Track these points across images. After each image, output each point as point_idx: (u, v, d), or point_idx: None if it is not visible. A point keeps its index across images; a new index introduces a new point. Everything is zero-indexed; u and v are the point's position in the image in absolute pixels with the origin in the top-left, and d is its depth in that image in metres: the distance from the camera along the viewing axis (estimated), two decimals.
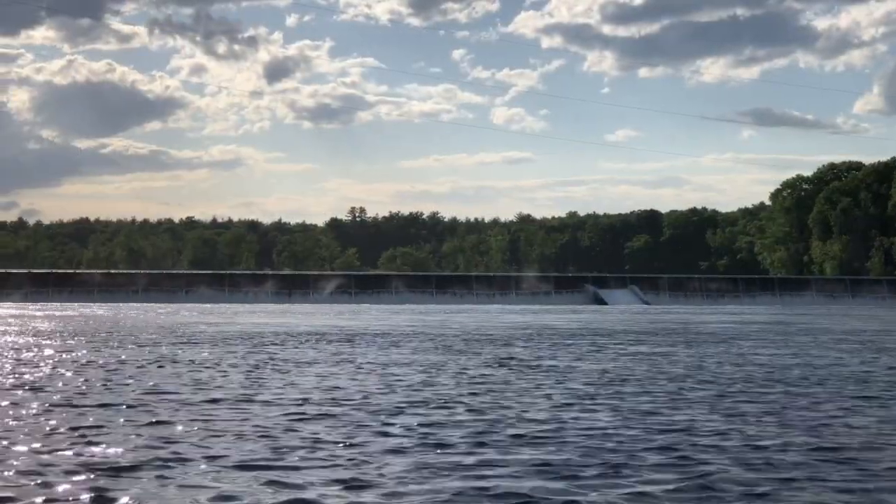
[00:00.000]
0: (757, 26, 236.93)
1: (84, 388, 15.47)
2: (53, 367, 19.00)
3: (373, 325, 39.10)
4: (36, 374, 17.58)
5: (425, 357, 22.24)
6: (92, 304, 70.69)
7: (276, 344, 26.46)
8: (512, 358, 22.08)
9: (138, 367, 19.15)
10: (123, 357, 21.79)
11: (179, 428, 11.42)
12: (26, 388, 15.43)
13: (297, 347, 25.32)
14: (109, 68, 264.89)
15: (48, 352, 23.16)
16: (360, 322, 41.77)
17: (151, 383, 16.15)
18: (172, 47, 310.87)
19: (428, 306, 71.73)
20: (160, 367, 19.38)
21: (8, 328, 34.33)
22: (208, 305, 68.50)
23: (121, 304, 69.03)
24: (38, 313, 49.63)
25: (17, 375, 17.38)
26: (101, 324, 38.44)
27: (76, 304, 69.88)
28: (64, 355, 22.12)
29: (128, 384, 16.06)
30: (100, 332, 32.14)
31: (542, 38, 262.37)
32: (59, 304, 69.45)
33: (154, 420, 11.96)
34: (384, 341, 27.94)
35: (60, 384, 15.99)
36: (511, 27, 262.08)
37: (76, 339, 28.36)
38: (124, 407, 13.17)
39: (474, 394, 14.86)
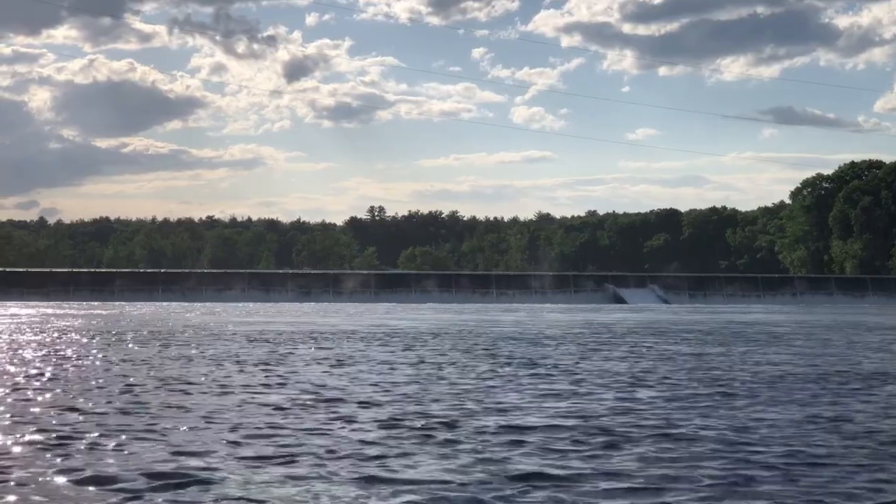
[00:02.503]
0: (777, 24, 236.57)
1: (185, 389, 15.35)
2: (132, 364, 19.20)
3: (419, 324, 39.03)
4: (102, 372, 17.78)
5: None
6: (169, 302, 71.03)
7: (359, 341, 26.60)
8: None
9: (213, 365, 19.30)
10: (194, 355, 21.96)
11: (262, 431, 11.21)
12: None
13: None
14: (130, 67, 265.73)
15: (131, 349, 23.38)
16: (408, 322, 41.59)
17: (217, 382, 16.28)
18: (192, 46, 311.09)
19: (453, 305, 71.89)
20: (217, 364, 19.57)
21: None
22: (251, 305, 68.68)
23: (146, 303, 69.41)
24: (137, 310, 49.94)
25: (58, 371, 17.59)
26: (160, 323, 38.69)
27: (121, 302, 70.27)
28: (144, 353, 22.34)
29: (205, 383, 16.08)
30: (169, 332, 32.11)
31: (561, 37, 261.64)
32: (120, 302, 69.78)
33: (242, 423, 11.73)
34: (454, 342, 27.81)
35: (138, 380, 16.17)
36: (531, 26, 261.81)
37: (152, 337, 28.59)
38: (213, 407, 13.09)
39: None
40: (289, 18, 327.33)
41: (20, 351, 22.88)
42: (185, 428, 11.24)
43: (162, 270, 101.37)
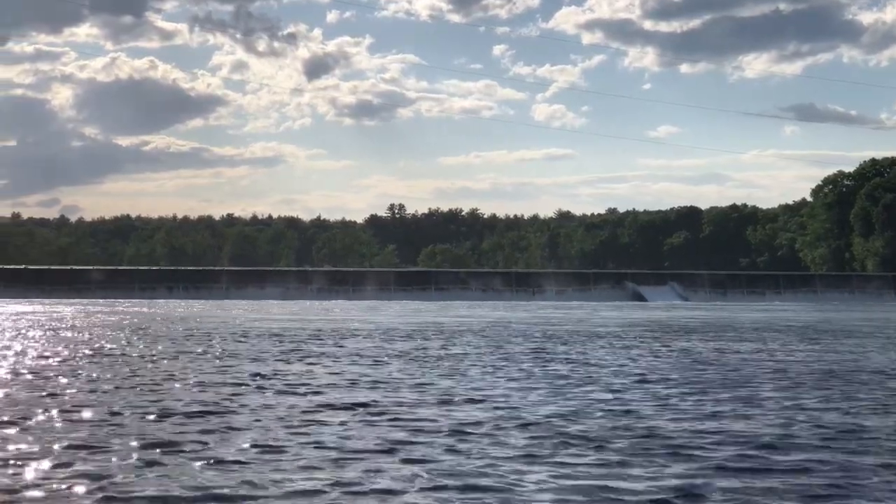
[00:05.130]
0: (800, 21, 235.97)
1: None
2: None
3: (467, 321, 38.92)
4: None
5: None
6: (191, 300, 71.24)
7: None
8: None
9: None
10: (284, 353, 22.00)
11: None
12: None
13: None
14: (151, 66, 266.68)
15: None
16: (458, 319, 41.38)
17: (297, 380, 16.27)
18: (213, 44, 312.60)
19: (475, 302, 71.88)
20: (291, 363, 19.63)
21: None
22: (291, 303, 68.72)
23: (160, 301, 69.67)
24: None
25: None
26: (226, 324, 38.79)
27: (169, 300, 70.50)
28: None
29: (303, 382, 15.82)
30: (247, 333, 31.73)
31: (582, 34, 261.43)
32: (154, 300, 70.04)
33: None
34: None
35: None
36: (552, 23, 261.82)
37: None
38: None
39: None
40: (309, 16, 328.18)
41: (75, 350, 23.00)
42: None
43: (181, 268, 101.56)
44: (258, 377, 16.21)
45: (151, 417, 11.64)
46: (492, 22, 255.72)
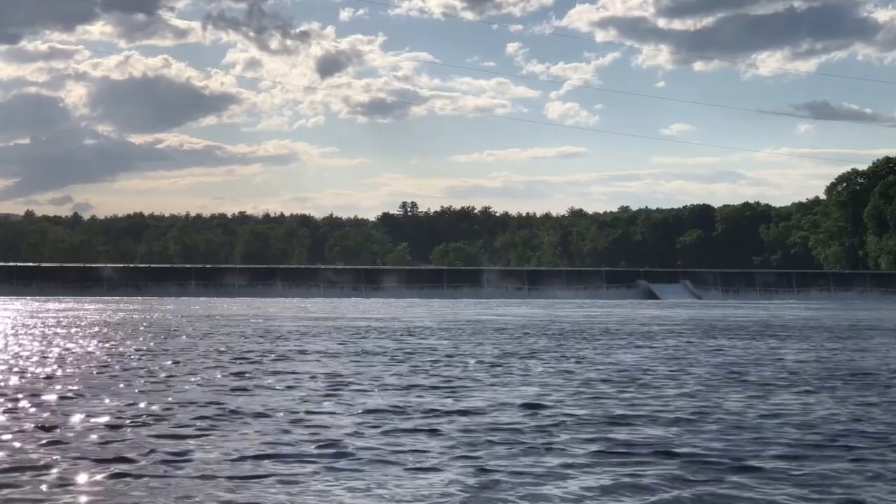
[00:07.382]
0: (815, 19, 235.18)
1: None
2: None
3: (502, 318, 38.83)
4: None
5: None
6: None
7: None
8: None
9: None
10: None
11: None
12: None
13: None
14: (165, 63, 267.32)
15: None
16: (493, 316, 41.21)
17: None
18: (227, 42, 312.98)
19: (490, 301, 71.85)
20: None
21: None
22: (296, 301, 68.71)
23: (173, 298, 69.70)
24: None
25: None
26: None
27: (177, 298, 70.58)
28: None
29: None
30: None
31: (596, 32, 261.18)
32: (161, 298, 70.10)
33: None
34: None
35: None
36: (565, 21, 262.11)
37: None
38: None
39: None
40: (322, 14, 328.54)
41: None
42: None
43: (196, 265, 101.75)
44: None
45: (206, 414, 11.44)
46: (505, 20, 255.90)
